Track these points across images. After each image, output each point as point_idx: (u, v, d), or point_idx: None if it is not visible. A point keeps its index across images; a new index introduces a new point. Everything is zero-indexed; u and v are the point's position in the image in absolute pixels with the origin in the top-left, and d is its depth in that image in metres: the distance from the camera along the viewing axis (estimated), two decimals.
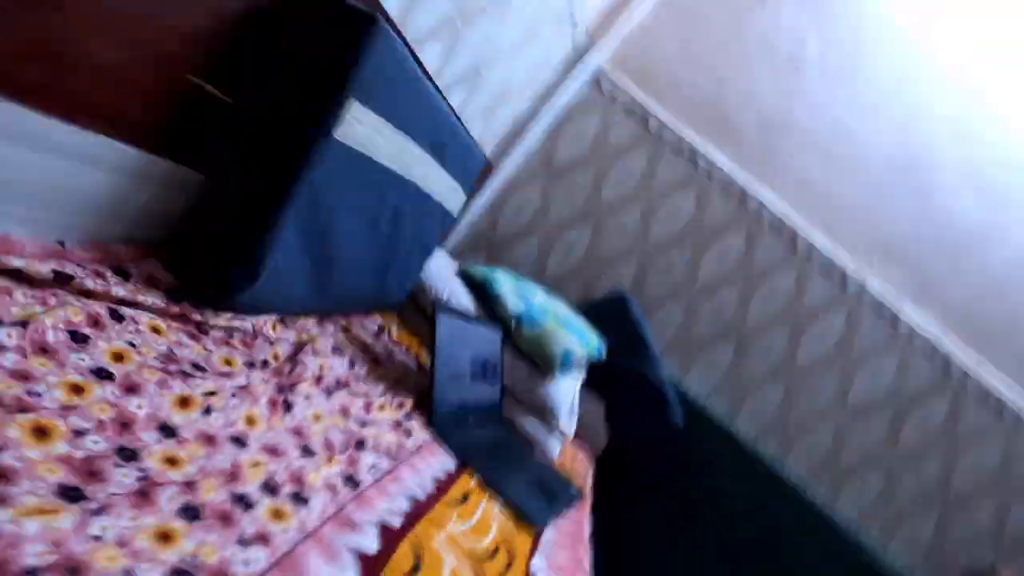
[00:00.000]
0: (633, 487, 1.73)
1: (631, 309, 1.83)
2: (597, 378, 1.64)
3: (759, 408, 1.91)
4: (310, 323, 0.97)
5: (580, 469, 1.41)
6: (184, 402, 0.56)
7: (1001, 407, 1.83)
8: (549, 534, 0.93)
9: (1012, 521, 1.80)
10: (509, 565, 0.75)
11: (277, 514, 0.53)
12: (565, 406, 1.37)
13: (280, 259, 0.77)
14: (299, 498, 0.57)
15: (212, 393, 0.60)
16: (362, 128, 0.78)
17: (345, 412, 0.80)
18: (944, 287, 1.86)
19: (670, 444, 1.67)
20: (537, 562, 0.82)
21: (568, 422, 1.40)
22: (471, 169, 1.28)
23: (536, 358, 1.35)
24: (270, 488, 0.56)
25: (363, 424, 0.82)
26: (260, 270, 0.73)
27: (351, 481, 0.67)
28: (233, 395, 0.63)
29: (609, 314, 1.82)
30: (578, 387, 1.51)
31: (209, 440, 0.55)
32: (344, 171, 0.80)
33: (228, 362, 0.69)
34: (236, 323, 0.76)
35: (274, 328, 0.84)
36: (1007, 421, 1.82)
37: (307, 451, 0.66)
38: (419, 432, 0.94)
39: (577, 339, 1.45)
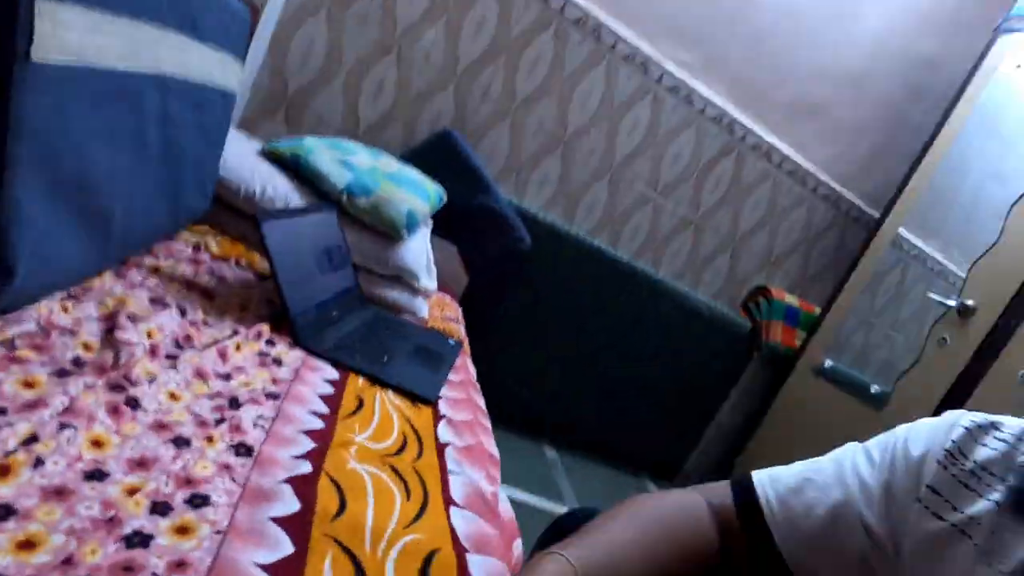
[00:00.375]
0: (497, 315, 1.87)
1: (458, 144, 1.77)
2: (442, 223, 1.63)
3: (590, 208, 2.08)
4: (108, 282, 0.80)
5: (452, 316, 1.48)
6: (1, 468, 0.46)
7: (772, 155, 2.19)
8: (443, 395, 1.00)
9: (777, 247, 2.32)
10: (421, 449, 0.81)
11: (182, 530, 0.50)
12: (421, 265, 1.37)
13: (35, 234, 0.60)
14: (197, 499, 0.54)
15: (33, 438, 0.50)
16: (70, 34, 0.56)
17: (202, 374, 0.72)
18: (726, 59, 2.03)
19: (522, 263, 1.78)
20: (443, 431, 0.89)
21: (428, 279, 1.41)
22: (235, 28, 1.03)
23: (379, 226, 1.29)
24: (160, 507, 0.51)
25: (227, 378, 0.75)
26: (14, 262, 0.56)
27: (243, 449, 0.63)
28: (61, 425, 0.52)
29: (437, 154, 1.74)
30: (428, 240, 1.50)
31: (59, 494, 0.47)
32: (68, 97, 0.59)
33: (29, 384, 0.56)
34: (12, 329, 0.60)
35: (65, 311, 0.69)
36: (775, 165, 2.20)
37: (181, 442, 0.60)
38: (289, 355, 0.89)
39: (415, 194, 1.40)
